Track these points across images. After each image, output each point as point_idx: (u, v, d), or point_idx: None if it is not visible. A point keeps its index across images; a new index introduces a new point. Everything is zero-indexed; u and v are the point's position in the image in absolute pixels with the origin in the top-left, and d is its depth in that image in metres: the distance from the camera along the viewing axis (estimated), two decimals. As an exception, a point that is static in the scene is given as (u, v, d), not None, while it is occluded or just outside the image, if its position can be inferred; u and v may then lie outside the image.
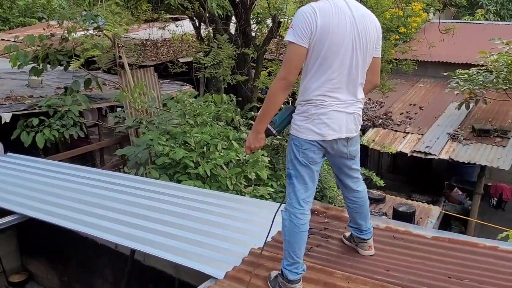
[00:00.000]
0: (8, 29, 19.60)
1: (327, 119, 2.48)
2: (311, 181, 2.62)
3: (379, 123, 10.38)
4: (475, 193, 9.40)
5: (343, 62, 2.44)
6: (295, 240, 2.59)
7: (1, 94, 7.68)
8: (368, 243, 2.95)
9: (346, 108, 2.53)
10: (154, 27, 11.86)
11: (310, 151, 2.55)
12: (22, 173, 5.67)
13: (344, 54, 2.42)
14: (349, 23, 2.40)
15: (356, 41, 2.43)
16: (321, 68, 2.43)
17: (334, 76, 2.45)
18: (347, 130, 2.56)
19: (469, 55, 11.73)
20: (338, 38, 2.38)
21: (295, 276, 2.58)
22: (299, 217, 2.58)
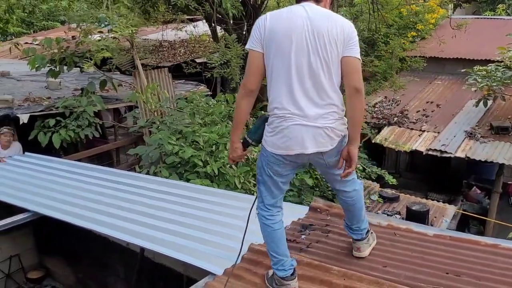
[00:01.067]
0: (32, 33, 20.10)
1: (290, 133, 2.37)
2: (277, 189, 2.63)
3: (395, 121, 10.26)
4: (493, 192, 9.21)
5: (297, 65, 2.31)
6: (271, 239, 2.65)
7: (21, 95, 7.91)
8: (356, 245, 2.87)
9: (312, 121, 2.35)
10: (171, 29, 12.01)
11: (275, 164, 2.51)
12: (38, 173, 5.85)
13: (296, 56, 2.30)
14: (300, 24, 2.29)
15: (310, 42, 2.28)
16: (274, 73, 2.35)
17: (290, 82, 2.33)
18: (315, 145, 2.39)
19: (488, 51, 11.48)
20: (286, 40, 2.29)
21: (283, 272, 2.60)
22: (268, 218, 2.64)
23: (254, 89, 2.43)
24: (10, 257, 5.81)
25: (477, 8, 20.17)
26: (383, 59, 8.89)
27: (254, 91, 2.44)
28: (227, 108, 6.69)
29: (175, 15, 10.70)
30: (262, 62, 2.39)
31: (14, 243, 5.88)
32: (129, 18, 6.30)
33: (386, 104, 11.20)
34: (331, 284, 2.63)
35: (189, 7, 6.94)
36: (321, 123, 2.37)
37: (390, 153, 12.12)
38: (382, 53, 9.07)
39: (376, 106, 11.08)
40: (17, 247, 5.92)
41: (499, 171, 9.11)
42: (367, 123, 9.84)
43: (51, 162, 6.24)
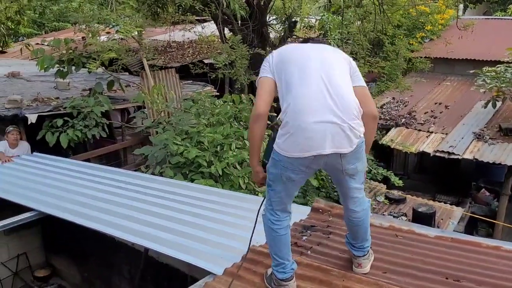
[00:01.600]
0: (43, 34, 20.31)
1: (306, 132, 2.32)
2: (288, 196, 2.60)
3: (402, 122, 10.21)
4: (502, 194, 9.12)
5: (312, 73, 2.42)
6: (274, 243, 2.63)
7: (30, 96, 8.00)
8: (358, 261, 2.75)
9: (330, 119, 2.32)
10: (180, 29, 12.06)
11: (290, 170, 2.43)
12: (46, 172, 5.92)
13: (310, 66, 2.45)
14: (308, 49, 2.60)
15: (321, 60, 2.48)
16: (288, 83, 2.43)
17: (307, 87, 2.39)
18: (334, 145, 2.33)
19: (499, 52, 11.35)
20: (298, 57, 2.51)
21: (283, 275, 2.60)
22: (274, 223, 2.61)
23: (264, 113, 2.46)
24: (17, 256, 5.89)
25: (488, 9, 20.00)
26: (389, 59, 8.86)
27: (263, 115, 2.47)
28: (233, 108, 6.71)
29: (184, 16, 10.75)
30: (273, 86, 2.51)
31: (22, 242, 5.96)
32: (133, 19, 6.34)
33: (393, 105, 11.15)
34: (330, 284, 2.63)
35: (195, 8, 6.98)
36: (339, 121, 2.33)
37: (398, 155, 12.05)
38: (388, 54, 9.03)
39: (384, 107, 11.03)
40: (25, 246, 6.00)
41: (508, 173, 9.02)
42: (374, 124, 9.78)
43: (59, 162, 6.32)
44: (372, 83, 11.48)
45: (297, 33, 9.07)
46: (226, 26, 8.20)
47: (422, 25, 13.10)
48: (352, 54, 8.66)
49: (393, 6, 9.06)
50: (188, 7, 7.06)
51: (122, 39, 7.07)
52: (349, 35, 10.08)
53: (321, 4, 15.72)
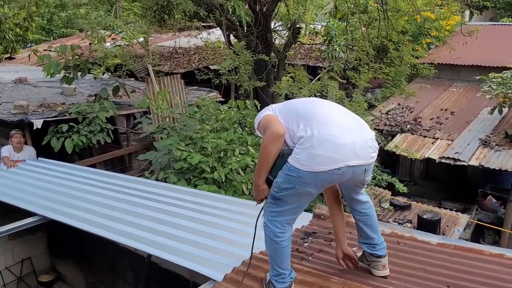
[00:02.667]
0: (51, 40, 20.52)
1: (337, 140, 2.38)
2: (300, 209, 2.62)
3: (408, 128, 10.16)
4: (509, 201, 9.03)
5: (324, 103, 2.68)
6: (276, 254, 2.61)
7: (36, 101, 8.07)
8: (382, 262, 2.73)
9: (357, 130, 2.49)
10: (186, 36, 12.13)
11: (310, 185, 2.43)
12: (51, 177, 5.95)
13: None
14: None
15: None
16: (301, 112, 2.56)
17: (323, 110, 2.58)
18: (361, 156, 2.43)
19: (505, 58, 11.32)
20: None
21: (282, 285, 2.60)
22: (278, 235, 2.57)
23: (284, 133, 2.46)
24: (22, 260, 5.93)
25: (495, 15, 19.93)
26: (394, 66, 8.85)
27: (283, 135, 2.46)
28: (237, 114, 6.72)
29: (190, 22, 10.81)
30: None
31: (26, 247, 6.00)
32: (137, 25, 6.39)
33: (399, 111, 11.11)
34: (330, 291, 2.62)
35: (201, 15, 7.03)
36: (363, 134, 2.49)
37: (404, 161, 11.98)
38: (392, 60, 9.03)
39: (389, 113, 11.00)
40: (29, 251, 6.04)
41: (514, 180, 8.94)
42: (379, 130, 9.77)
43: (64, 167, 6.35)
44: (377, 89, 11.44)
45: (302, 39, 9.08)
46: (230, 32, 8.23)
47: (428, 31, 13.07)
48: (356, 60, 8.67)
49: (397, 12, 9.05)
50: (193, 13, 7.10)
51: (128, 45, 7.11)
52: (354, 41, 10.09)
53: (327, 10, 15.77)
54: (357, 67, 8.95)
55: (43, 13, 17.49)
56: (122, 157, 8.89)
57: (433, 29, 13.11)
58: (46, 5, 16.29)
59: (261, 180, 2.58)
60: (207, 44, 11.06)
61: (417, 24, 12.76)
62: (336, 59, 11.16)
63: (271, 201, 2.58)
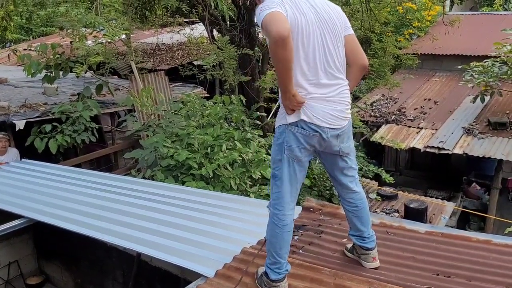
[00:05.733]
0: (31, 39, 20.16)
1: (311, 108, 2.40)
2: (295, 182, 2.57)
3: (392, 119, 10.26)
4: (492, 188, 9.20)
5: (314, 47, 2.38)
6: (276, 240, 2.58)
7: (18, 102, 7.93)
8: (371, 254, 2.75)
9: (330, 96, 2.44)
10: (168, 32, 12.01)
11: (296, 147, 2.45)
12: (35, 179, 5.86)
13: (314, 41, 2.37)
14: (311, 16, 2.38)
15: (323, 28, 2.40)
16: (295, 56, 2.33)
17: (310, 65, 2.39)
18: (336, 120, 2.46)
19: (486, 47, 11.45)
20: (303, 29, 2.34)
21: (277, 275, 2.57)
22: (281, 218, 2.56)
23: (289, 35, 2.13)
24: (9, 264, 5.83)
25: (475, 4, 20.16)
26: (377, 57, 8.91)
27: (288, 38, 2.13)
28: (223, 109, 6.70)
29: (172, 18, 10.71)
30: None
31: (13, 250, 5.90)
32: (119, 22, 6.30)
33: (383, 102, 11.21)
34: (321, 282, 2.63)
35: (183, 10, 6.96)
36: (337, 98, 2.46)
37: (389, 151, 12.12)
38: (376, 51, 9.09)
39: (374, 105, 11.09)
40: (16, 254, 5.94)
41: (498, 167, 9.11)
42: (364, 122, 9.84)
43: (48, 168, 6.25)
44: (362, 81, 11.51)
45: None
46: (213, 27, 8.18)
47: (410, 22, 13.18)
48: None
49: (379, 3, 9.10)
50: (175, 9, 7.03)
51: (110, 43, 7.01)
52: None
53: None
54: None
55: (21, 12, 17.13)
56: (107, 156, 8.81)
57: (415, 20, 13.23)
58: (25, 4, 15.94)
59: (289, 86, 2.31)
60: (190, 40, 10.97)
61: (399, 15, 12.87)
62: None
63: (272, 182, 2.61)
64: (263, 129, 7.02)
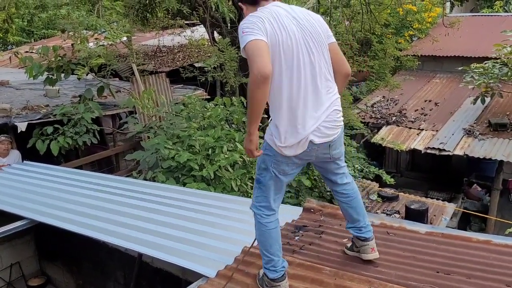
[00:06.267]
0: (32, 41, 20.21)
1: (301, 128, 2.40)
2: (279, 191, 2.64)
3: (393, 120, 10.27)
4: (493, 189, 9.20)
5: (299, 64, 2.36)
6: (265, 238, 2.63)
7: (19, 104, 7.96)
8: (370, 245, 2.78)
9: (323, 111, 2.45)
10: (169, 34, 12.06)
11: (283, 163, 2.50)
12: (37, 181, 5.89)
13: (297, 55, 2.35)
14: (294, 28, 2.37)
15: (306, 40, 2.39)
16: (281, 77, 2.33)
17: (296, 82, 2.37)
18: (325, 135, 2.47)
19: (486, 48, 11.46)
20: (286, 44, 2.32)
21: (274, 274, 2.59)
22: (264, 217, 2.62)
23: (270, 74, 2.16)
24: (10, 265, 5.85)
25: (475, 6, 20.19)
26: (378, 58, 8.94)
27: (269, 76, 2.16)
28: (224, 111, 6.71)
29: (173, 21, 10.75)
30: (268, 50, 2.25)
31: (15, 251, 5.92)
32: (120, 24, 6.33)
33: (384, 104, 11.23)
34: (322, 283, 2.65)
35: (184, 12, 6.99)
36: (332, 108, 2.47)
37: (390, 153, 12.13)
38: (376, 53, 9.12)
39: (374, 106, 11.10)
40: (18, 255, 5.96)
41: (498, 168, 9.11)
42: (365, 123, 9.85)
43: (50, 170, 6.28)
44: (362, 83, 11.54)
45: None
46: (214, 29, 8.20)
47: (410, 23, 13.21)
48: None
49: (380, 5, 9.13)
50: (176, 11, 7.06)
51: (111, 45, 7.04)
52: (337, 35, 10.15)
53: (310, 5, 15.79)
54: (342, 61, 8.97)
55: (23, 15, 17.22)
56: (109, 157, 8.84)
57: (415, 22, 13.26)
58: (26, 6, 16.01)
59: (253, 129, 2.34)
60: (191, 42, 11.01)
61: (400, 17, 12.90)
62: (320, 53, 11.18)
63: (256, 185, 2.65)
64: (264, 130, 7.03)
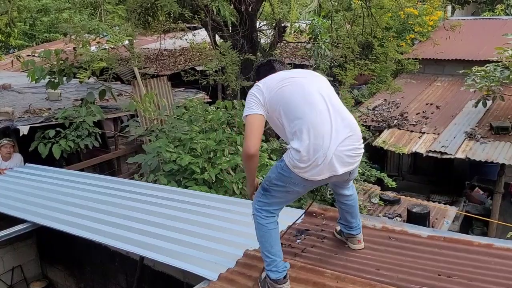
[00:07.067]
0: (34, 45, 20.27)
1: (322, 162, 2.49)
2: (285, 203, 2.77)
3: (394, 124, 10.26)
4: (495, 192, 9.18)
5: (313, 100, 2.55)
6: (265, 239, 2.68)
7: (21, 107, 7.99)
8: (357, 238, 3.02)
9: (341, 146, 2.53)
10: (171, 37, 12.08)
11: (299, 185, 2.60)
12: (39, 183, 5.90)
13: (309, 93, 2.56)
14: (297, 79, 2.65)
15: (314, 84, 2.64)
16: (290, 114, 2.54)
17: (313, 116, 2.51)
18: (347, 165, 2.57)
19: (488, 51, 11.47)
20: (295, 88, 2.57)
21: (276, 274, 2.61)
22: (263, 218, 2.69)
23: (256, 153, 2.54)
24: (12, 268, 5.86)
25: (476, 9, 20.19)
26: (379, 62, 8.95)
27: (256, 155, 2.56)
28: (225, 114, 6.72)
29: (174, 24, 10.77)
30: (263, 123, 2.60)
31: (16, 255, 5.93)
32: (122, 28, 6.36)
33: (385, 107, 11.21)
34: (324, 286, 2.64)
35: (185, 16, 7.03)
36: (350, 146, 2.56)
37: (392, 156, 12.12)
38: (377, 56, 9.14)
39: (376, 109, 11.10)
40: (19, 259, 5.97)
41: (500, 171, 9.08)
42: (366, 127, 9.85)
43: (52, 173, 6.30)
44: (363, 86, 11.55)
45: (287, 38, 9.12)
46: (216, 32, 8.23)
47: (411, 27, 13.22)
48: (342, 57, 8.73)
49: (381, 9, 9.14)
50: (178, 15, 7.09)
51: (113, 48, 7.06)
52: (339, 39, 10.17)
53: (311, 8, 15.85)
54: (343, 64, 9.03)
55: (25, 18, 17.27)
56: (110, 161, 8.85)
57: (417, 25, 13.27)
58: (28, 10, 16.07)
59: (251, 191, 2.84)
60: (192, 45, 11.03)
61: (401, 20, 12.92)
62: (322, 57, 11.24)
63: (261, 191, 2.72)
64: (265, 133, 7.05)
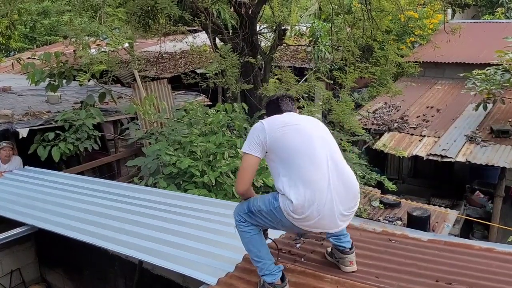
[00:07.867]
0: (35, 48, 20.30)
1: (321, 217, 2.51)
2: (269, 227, 2.81)
3: (395, 127, 10.24)
4: (496, 196, 9.15)
5: (315, 155, 2.54)
6: (251, 245, 2.71)
7: (21, 110, 7.97)
8: (349, 258, 2.80)
9: (341, 208, 2.56)
10: (171, 40, 12.09)
11: (288, 226, 2.64)
12: (38, 187, 5.88)
13: (312, 147, 2.55)
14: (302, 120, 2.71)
15: (317, 136, 2.62)
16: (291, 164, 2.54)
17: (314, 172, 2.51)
18: (345, 220, 2.63)
19: (488, 55, 11.46)
20: (296, 139, 2.57)
21: (271, 277, 2.61)
22: (244, 225, 2.73)
23: (244, 192, 2.70)
24: (11, 272, 5.83)
25: (477, 12, 20.21)
26: (379, 65, 8.95)
27: (244, 192, 2.70)
28: (225, 117, 6.71)
29: (175, 27, 10.78)
30: (258, 164, 2.66)
31: (15, 258, 5.90)
32: (122, 31, 6.36)
33: (386, 110, 11.19)
34: (323, 291, 2.62)
35: (186, 19, 7.03)
36: (347, 210, 2.59)
37: (392, 159, 12.09)
38: (378, 59, 9.13)
39: (376, 112, 11.08)
40: (18, 262, 5.94)
41: (501, 175, 9.05)
42: (367, 129, 9.83)
43: (51, 176, 6.28)
44: (364, 89, 11.53)
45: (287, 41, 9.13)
46: (216, 35, 8.23)
47: (412, 30, 13.22)
48: (342, 60, 8.72)
49: (381, 12, 9.15)
50: (178, 17, 7.10)
51: (113, 51, 7.06)
52: (339, 42, 10.17)
53: (312, 12, 15.85)
54: (343, 67, 9.03)
55: (25, 21, 17.32)
56: (110, 164, 8.83)
57: (417, 28, 13.27)
58: (29, 13, 16.12)
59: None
60: (193, 48, 11.04)
61: (401, 24, 12.92)
62: (322, 60, 11.25)
63: (246, 211, 2.72)
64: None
